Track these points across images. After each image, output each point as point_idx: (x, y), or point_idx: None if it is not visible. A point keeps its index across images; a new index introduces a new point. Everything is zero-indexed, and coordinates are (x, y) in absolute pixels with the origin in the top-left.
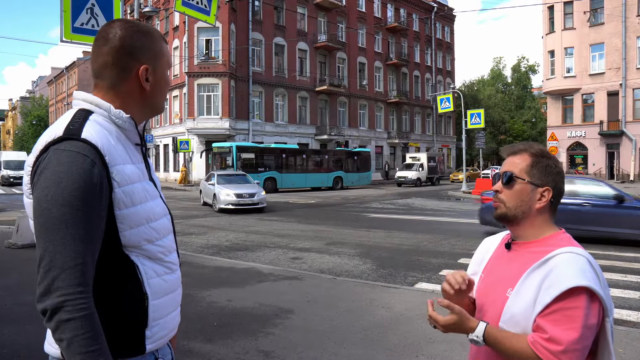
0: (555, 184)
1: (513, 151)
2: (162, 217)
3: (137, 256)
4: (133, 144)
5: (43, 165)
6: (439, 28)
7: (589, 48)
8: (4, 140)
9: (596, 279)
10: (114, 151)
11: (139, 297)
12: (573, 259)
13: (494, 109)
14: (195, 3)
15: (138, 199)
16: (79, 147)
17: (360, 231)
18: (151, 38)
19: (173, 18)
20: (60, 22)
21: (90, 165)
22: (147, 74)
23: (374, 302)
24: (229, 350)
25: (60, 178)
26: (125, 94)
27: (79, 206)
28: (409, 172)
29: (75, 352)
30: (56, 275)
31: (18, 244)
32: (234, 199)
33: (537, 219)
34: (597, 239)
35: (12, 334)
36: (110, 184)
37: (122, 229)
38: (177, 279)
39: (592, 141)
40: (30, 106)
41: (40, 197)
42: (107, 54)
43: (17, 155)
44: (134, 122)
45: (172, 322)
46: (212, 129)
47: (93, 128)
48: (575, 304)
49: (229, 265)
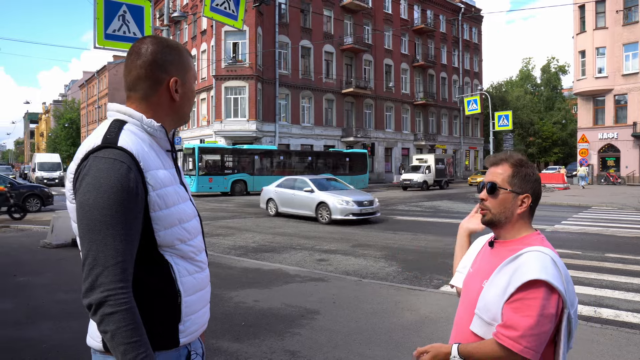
0: (533, 190)
1: (495, 162)
2: (192, 218)
3: (170, 255)
4: (164, 150)
5: (84, 172)
6: (467, 29)
7: (622, 47)
8: (37, 142)
9: (557, 274)
10: (148, 157)
11: (173, 294)
12: (538, 257)
13: (523, 111)
14: (223, 8)
15: (171, 202)
16: (116, 154)
17: (386, 233)
18: (179, 53)
19: (201, 22)
20: (94, 29)
21: (126, 170)
22: (176, 86)
23: (399, 304)
24: (256, 349)
25: (100, 183)
26: (156, 105)
27: (117, 208)
28: (415, 175)
29: (118, 342)
30: (99, 273)
31: (53, 244)
32: (355, 208)
33: (518, 222)
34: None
35: (50, 330)
36: (145, 188)
37: (157, 229)
38: (207, 277)
39: (625, 143)
40: (62, 109)
41: (82, 201)
42: (140, 67)
43: (50, 157)
44: (165, 130)
45: (203, 318)
46: (239, 131)
47: (128, 137)
48: (534, 295)
49: (256, 266)
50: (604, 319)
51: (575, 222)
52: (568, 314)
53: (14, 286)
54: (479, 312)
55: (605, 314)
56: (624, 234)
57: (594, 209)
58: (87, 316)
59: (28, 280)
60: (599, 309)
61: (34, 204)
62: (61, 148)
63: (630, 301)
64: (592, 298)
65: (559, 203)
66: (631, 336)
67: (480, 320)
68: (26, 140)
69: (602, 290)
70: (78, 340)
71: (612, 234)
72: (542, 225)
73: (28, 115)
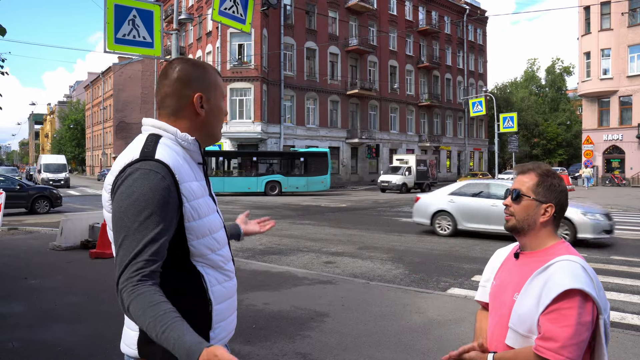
0: (557, 200)
1: (522, 170)
2: (220, 229)
3: (202, 266)
4: (196, 163)
5: (120, 182)
6: (471, 30)
7: (627, 49)
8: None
9: (589, 281)
10: (182, 170)
11: (204, 303)
12: (569, 266)
13: (527, 112)
14: (232, 12)
15: (203, 212)
16: (153, 166)
17: (392, 235)
18: (204, 71)
19: (206, 24)
20: (104, 34)
21: (160, 180)
22: (201, 102)
23: (407, 306)
24: (267, 351)
25: (132, 192)
26: (183, 120)
27: (147, 215)
28: (394, 176)
29: (144, 326)
30: (121, 273)
31: (62, 246)
32: (605, 222)
33: (541, 231)
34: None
35: (63, 332)
36: (180, 200)
37: (191, 239)
38: (234, 285)
39: (630, 144)
40: (67, 110)
41: (115, 208)
42: (168, 86)
43: (56, 158)
44: (198, 144)
45: (231, 325)
46: (245, 132)
47: (164, 150)
48: (569, 305)
49: (264, 268)
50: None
51: None
52: (603, 319)
53: (25, 289)
54: (514, 326)
55: (611, 317)
56: (629, 236)
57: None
58: (97, 319)
59: (39, 283)
60: None
61: (42, 205)
62: (66, 149)
63: (636, 304)
64: None
65: None
66: (637, 339)
67: (515, 333)
68: (31, 141)
69: (607, 292)
70: (91, 343)
71: (617, 236)
72: None
73: (33, 116)
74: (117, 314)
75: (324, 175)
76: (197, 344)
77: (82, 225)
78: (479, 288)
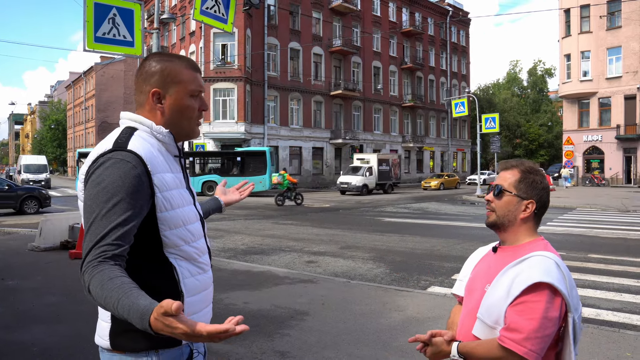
0: (539, 197)
1: (506, 167)
2: (195, 221)
3: (175, 258)
4: (172, 156)
5: (92, 171)
6: (454, 32)
7: (606, 51)
8: (23, 144)
9: (561, 278)
10: (156, 161)
11: (176, 295)
12: (542, 261)
13: (510, 113)
14: (213, 12)
15: (176, 204)
16: (124, 156)
17: (374, 235)
18: (167, 65)
19: (189, 24)
20: (84, 32)
21: (130, 168)
22: (158, 98)
23: (386, 305)
24: (246, 350)
25: (102, 179)
26: (148, 115)
27: (115, 201)
28: (354, 177)
29: (101, 302)
30: (85, 256)
31: (41, 247)
32: None
33: (521, 228)
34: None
35: (42, 333)
36: (152, 190)
37: (163, 229)
38: (209, 278)
39: (609, 145)
40: (48, 110)
41: (85, 196)
42: (135, 81)
43: (37, 159)
44: (173, 137)
45: (205, 317)
46: (228, 133)
47: (138, 141)
48: (537, 298)
49: (245, 268)
50: (585, 317)
51: (560, 224)
52: (573, 318)
53: (2, 290)
54: (481, 316)
55: (587, 313)
56: (607, 234)
57: (579, 210)
58: (77, 319)
59: (17, 284)
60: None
61: (32, 205)
62: (47, 150)
63: (611, 300)
64: None
65: None
66: (610, 334)
67: (482, 324)
68: (11, 142)
69: (584, 290)
70: (69, 343)
71: (596, 235)
72: None
73: (13, 116)
74: (96, 314)
75: (263, 175)
76: (148, 305)
77: (62, 226)
78: (456, 282)
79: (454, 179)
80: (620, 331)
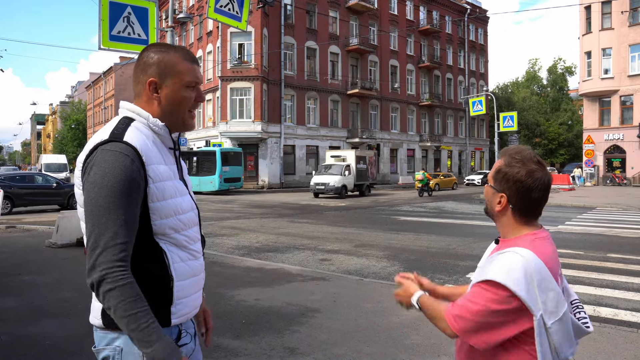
0: (511, 192)
1: (501, 154)
2: (189, 211)
3: (164, 243)
4: (167, 148)
5: (92, 162)
6: (472, 30)
7: (628, 48)
8: (44, 143)
9: (520, 279)
10: (150, 153)
11: (166, 279)
12: (509, 258)
13: (529, 112)
14: (228, 10)
15: (168, 194)
16: (121, 148)
17: (389, 234)
18: (164, 56)
19: (207, 23)
20: (99, 31)
21: (130, 162)
22: (155, 88)
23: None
24: (255, 346)
25: (105, 173)
26: (145, 105)
27: (119, 196)
28: (331, 177)
29: (120, 316)
30: (99, 253)
31: (58, 244)
32: None
33: (502, 220)
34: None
35: (53, 326)
36: (146, 180)
37: (154, 218)
38: (200, 265)
39: (631, 144)
40: (69, 110)
41: (88, 188)
42: (133, 71)
43: (57, 158)
44: (168, 129)
45: (195, 302)
46: (245, 132)
47: (133, 133)
48: (487, 288)
49: (259, 265)
50: (602, 317)
51: (579, 223)
52: (539, 321)
53: (18, 285)
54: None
55: (604, 313)
56: (627, 234)
57: (599, 209)
58: (89, 314)
59: (32, 279)
60: (598, 308)
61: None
62: (68, 149)
63: (630, 300)
64: (592, 297)
65: (563, 204)
66: (628, 334)
67: None
68: (33, 142)
69: (602, 289)
70: (80, 337)
71: (615, 235)
72: (546, 226)
73: (35, 117)
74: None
75: (213, 175)
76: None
77: (78, 223)
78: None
79: (450, 179)
80: (639, 331)
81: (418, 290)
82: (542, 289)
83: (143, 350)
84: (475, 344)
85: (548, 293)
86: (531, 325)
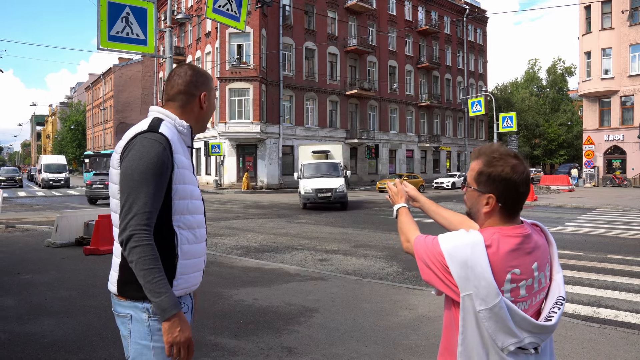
0: (499, 191)
1: (475, 155)
2: (199, 199)
3: (178, 227)
4: (186, 146)
5: (132, 146)
6: (471, 30)
7: (628, 48)
8: (44, 144)
9: (457, 250)
10: (176, 145)
11: (172, 257)
12: (460, 232)
13: (528, 112)
14: (226, 10)
15: (188, 180)
16: (157, 137)
17: (388, 234)
18: (207, 77)
19: (205, 24)
20: (97, 31)
21: (163, 149)
22: (205, 99)
23: (397, 303)
24: (253, 345)
25: (142, 154)
26: (189, 112)
27: (152, 174)
28: (333, 181)
29: (139, 269)
30: (131, 217)
31: (57, 243)
32: None
33: (490, 222)
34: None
35: (52, 325)
36: (173, 165)
37: (175, 198)
38: (203, 248)
39: (631, 145)
40: (68, 111)
41: (127, 165)
42: (181, 85)
43: (56, 159)
44: (191, 130)
45: (195, 280)
46: (243, 132)
47: (166, 127)
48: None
49: (257, 265)
50: (602, 318)
51: (579, 224)
52: (470, 303)
53: (17, 284)
54: None
55: (604, 314)
56: (628, 235)
57: (598, 210)
58: (87, 313)
59: (31, 278)
60: (598, 309)
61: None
62: (67, 150)
63: (631, 302)
64: (592, 298)
65: (563, 205)
66: (629, 336)
67: None
68: (33, 142)
69: (602, 290)
70: (78, 335)
71: (616, 236)
72: (546, 226)
73: (35, 118)
74: (107, 308)
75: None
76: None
77: (77, 223)
78: None
79: (416, 181)
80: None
81: (402, 202)
82: (476, 275)
83: (153, 299)
84: (424, 278)
85: (480, 281)
86: (458, 300)
